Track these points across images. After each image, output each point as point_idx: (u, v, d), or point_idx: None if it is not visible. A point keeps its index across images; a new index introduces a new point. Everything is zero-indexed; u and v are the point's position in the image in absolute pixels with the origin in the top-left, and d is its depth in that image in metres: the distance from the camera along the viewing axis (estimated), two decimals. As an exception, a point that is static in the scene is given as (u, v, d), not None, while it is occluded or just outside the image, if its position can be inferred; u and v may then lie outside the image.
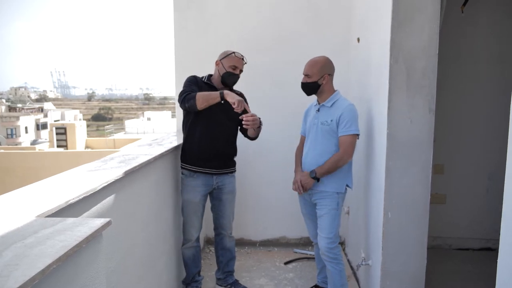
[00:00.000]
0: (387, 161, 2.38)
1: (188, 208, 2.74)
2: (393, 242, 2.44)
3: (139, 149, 2.55)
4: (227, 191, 2.82)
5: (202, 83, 2.71)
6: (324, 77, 2.54)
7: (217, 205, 2.84)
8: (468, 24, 3.48)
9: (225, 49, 3.68)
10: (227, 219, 2.88)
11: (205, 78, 2.76)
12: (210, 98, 2.50)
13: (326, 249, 2.57)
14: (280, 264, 3.54)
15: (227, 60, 2.68)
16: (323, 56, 2.62)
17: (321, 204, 2.61)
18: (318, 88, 2.57)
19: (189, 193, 2.72)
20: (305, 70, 2.60)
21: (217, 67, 2.74)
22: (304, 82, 2.61)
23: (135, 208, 2.07)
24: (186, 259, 2.83)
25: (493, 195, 3.65)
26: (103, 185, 1.66)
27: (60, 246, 0.96)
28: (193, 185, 2.71)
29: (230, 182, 2.83)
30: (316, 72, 2.55)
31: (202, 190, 2.73)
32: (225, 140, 2.74)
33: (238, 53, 2.70)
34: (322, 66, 2.57)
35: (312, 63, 2.59)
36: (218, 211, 2.86)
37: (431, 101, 2.33)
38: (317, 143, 2.60)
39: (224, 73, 2.67)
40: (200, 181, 2.71)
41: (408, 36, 2.27)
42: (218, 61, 2.72)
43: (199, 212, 2.77)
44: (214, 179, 2.75)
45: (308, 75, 2.57)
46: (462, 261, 3.52)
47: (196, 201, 2.72)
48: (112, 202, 1.78)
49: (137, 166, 2.03)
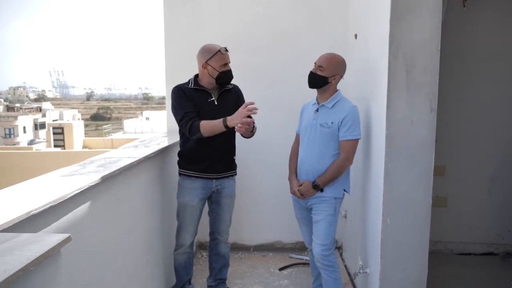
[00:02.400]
0: (385, 164, 2.24)
1: (184, 212, 2.59)
2: (393, 250, 2.31)
3: (123, 152, 2.41)
4: (226, 195, 2.67)
5: (191, 92, 2.51)
6: (336, 77, 2.41)
7: (215, 209, 2.69)
8: (471, 19, 3.34)
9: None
10: (224, 224, 2.73)
11: (191, 83, 2.55)
12: (215, 129, 2.37)
13: (321, 256, 2.44)
14: (274, 270, 3.40)
15: (215, 60, 2.46)
16: (341, 56, 2.48)
17: (317, 209, 2.47)
18: (325, 84, 2.41)
19: (186, 195, 2.57)
20: (320, 61, 2.43)
21: (205, 70, 2.50)
22: (314, 73, 2.44)
23: (116, 215, 1.93)
24: (177, 265, 2.68)
25: (496, 198, 3.53)
26: (76, 192, 1.52)
27: (1, 271, 0.82)
28: (191, 187, 2.56)
29: (230, 185, 2.68)
30: (331, 68, 2.39)
31: (201, 193, 2.58)
32: (224, 143, 2.57)
33: (223, 48, 2.49)
34: (339, 65, 2.43)
35: (330, 57, 2.43)
36: (216, 215, 2.71)
37: (433, 100, 2.19)
38: (314, 146, 2.45)
39: (218, 74, 2.48)
40: (198, 183, 2.56)
41: (408, 31, 2.12)
42: (204, 63, 2.49)
43: (196, 216, 2.62)
44: (214, 182, 2.60)
45: (322, 67, 2.40)
46: (463, 267, 3.40)
47: (194, 204, 2.57)
48: (87, 210, 1.64)
49: (116, 171, 1.88)
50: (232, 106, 2.52)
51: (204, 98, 2.52)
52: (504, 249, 3.56)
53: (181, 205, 2.60)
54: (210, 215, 2.74)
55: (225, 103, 2.54)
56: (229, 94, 2.60)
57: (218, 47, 2.49)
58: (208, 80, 2.52)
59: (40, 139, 35.04)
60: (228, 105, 2.54)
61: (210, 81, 2.52)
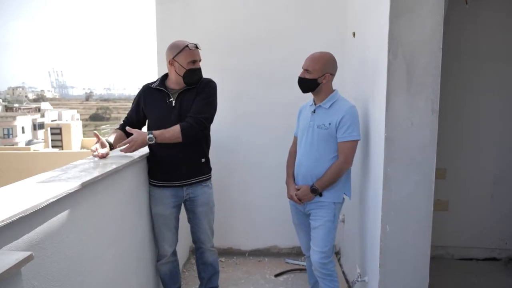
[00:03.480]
0: (385, 168, 2.13)
1: (158, 222, 2.45)
2: (392, 258, 2.20)
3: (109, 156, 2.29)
4: (200, 203, 2.47)
5: (151, 92, 2.36)
6: (326, 76, 2.29)
7: (192, 218, 2.54)
8: (473, 17, 3.22)
9: (211, 46, 3.45)
10: (204, 234, 2.55)
11: (157, 83, 2.38)
12: None
13: (319, 264, 2.33)
14: (270, 276, 3.29)
15: (182, 56, 2.27)
16: (328, 52, 2.35)
17: (315, 214, 2.36)
18: (317, 86, 2.31)
19: (158, 205, 2.42)
20: (306, 64, 2.33)
21: (172, 67, 2.32)
22: (302, 78, 2.34)
23: (98, 223, 1.82)
24: (163, 275, 2.56)
25: (499, 201, 3.42)
26: (51, 201, 1.41)
27: None
28: (161, 196, 2.41)
29: (203, 193, 2.46)
30: (318, 68, 2.28)
31: (172, 201, 2.42)
32: (185, 146, 2.31)
33: (192, 44, 2.30)
34: (326, 63, 2.31)
35: (315, 58, 2.32)
36: (194, 225, 2.55)
37: (434, 101, 2.08)
38: (312, 149, 2.35)
39: (185, 72, 2.29)
40: (168, 192, 2.40)
41: (408, 28, 2.01)
42: (171, 59, 2.29)
43: (171, 225, 2.48)
44: (184, 190, 2.43)
45: (308, 70, 2.30)
46: (465, 272, 3.28)
47: (166, 213, 2.43)
48: (65, 220, 1.53)
49: (99, 176, 1.77)
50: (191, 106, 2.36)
51: (163, 99, 2.36)
52: (507, 255, 3.45)
53: (154, 216, 2.45)
54: (189, 223, 2.59)
55: (184, 104, 2.33)
56: (190, 93, 2.35)
57: (187, 42, 2.31)
58: (175, 79, 2.34)
59: (39, 140, 34.95)
60: (188, 105, 2.32)
61: (177, 80, 2.34)
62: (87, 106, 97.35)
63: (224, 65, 3.41)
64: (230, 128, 3.46)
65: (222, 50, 3.42)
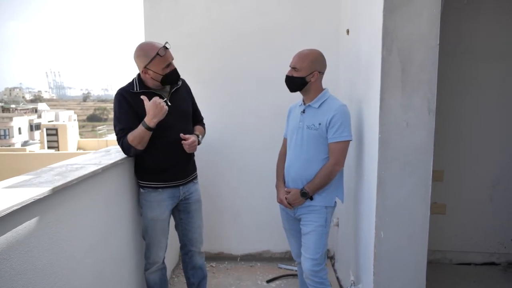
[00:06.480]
0: (379, 171, 2.02)
1: (154, 228, 2.32)
2: (387, 266, 2.09)
3: (91, 158, 2.18)
4: (194, 200, 2.45)
5: (134, 97, 2.18)
6: (314, 74, 2.19)
7: (185, 219, 2.45)
8: (471, 14, 3.12)
9: (199, 44, 3.34)
10: (197, 233, 2.49)
11: (136, 86, 2.21)
12: (143, 135, 2.11)
13: (311, 272, 2.23)
14: (262, 282, 3.18)
15: (155, 64, 2.13)
16: (316, 49, 2.25)
17: (306, 219, 2.25)
18: (305, 85, 2.21)
19: (155, 209, 2.30)
20: (293, 62, 2.23)
21: (146, 75, 2.18)
22: (290, 76, 2.24)
23: (73, 232, 1.70)
24: (153, 285, 2.42)
25: (498, 204, 3.32)
26: (14, 208, 1.29)
27: None
28: (159, 199, 2.30)
29: (195, 189, 2.48)
30: (305, 66, 2.18)
31: (170, 204, 2.34)
32: (180, 144, 2.28)
33: (161, 49, 2.13)
34: (313, 61, 2.21)
35: (302, 55, 2.22)
36: (186, 226, 2.46)
37: (431, 100, 1.97)
38: (302, 150, 2.24)
39: (162, 78, 2.17)
40: (166, 194, 2.31)
41: (403, 22, 1.89)
42: (143, 69, 2.15)
43: (166, 230, 2.39)
44: (181, 189, 2.37)
45: (296, 68, 2.21)
46: (463, 277, 3.19)
47: (164, 217, 2.33)
48: (33, 228, 1.41)
49: (74, 180, 1.66)
50: (187, 104, 2.37)
51: None
52: (506, 259, 3.35)
53: (150, 221, 2.32)
54: (179, 228, 2.49)
55: (179, 102, 2.29)
56: (179, 90, 2.35)
57: (156, 48, 2.13)
58: (153, 83, 2.22)
59: (35, 140, 34.73)
60: (183, 103, 2.33)
61: (155, 84, 2.22)
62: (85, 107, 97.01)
63: (213, 64, 3.31)
64: (220, 131, 3.35)
65: (213, 48, 3.32)
